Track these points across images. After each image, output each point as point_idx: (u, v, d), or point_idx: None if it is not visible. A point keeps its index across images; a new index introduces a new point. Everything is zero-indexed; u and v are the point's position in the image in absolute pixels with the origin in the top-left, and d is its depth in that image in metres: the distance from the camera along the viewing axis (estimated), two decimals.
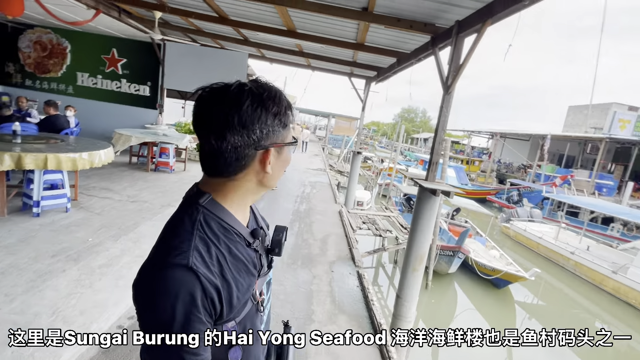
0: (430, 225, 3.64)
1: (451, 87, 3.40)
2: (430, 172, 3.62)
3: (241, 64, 8.29)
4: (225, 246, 0.60)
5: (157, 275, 0.53)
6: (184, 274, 0.53)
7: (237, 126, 0.58)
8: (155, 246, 0.59)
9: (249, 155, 0.61)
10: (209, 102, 0.59)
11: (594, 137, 16.93)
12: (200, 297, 0.53)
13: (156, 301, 0.52)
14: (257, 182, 0.66)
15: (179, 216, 0.61)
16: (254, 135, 0.60)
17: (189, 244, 0.55)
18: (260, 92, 0.61)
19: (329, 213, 6.13)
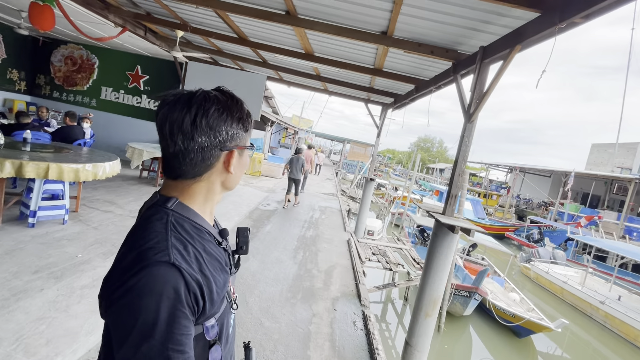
0: (446, 264, 3.28)
1: (473, 116, 3.16)
2: (449, 206, 3.31)
3: (259, 85, 8.37)
4: (199, 244, 0.62)
5: (137, 275, 0.52)
6: (167, 271, 0.52)
7: (205, 128, 0.61)
8: (125, 251, 0.57)
9: (214, 156, 0.65)
10: (177, 106, 0.62)
11: (622, 177, 16.08)
12: (184, 292, 0.53)
13: (139, 302, 0.50)
14: (220, 183, 0.69)
15: (146, 222, 0.60)
16: (220, 136, 0.64)
17: (165, 243, 0.56)
18: (225, 99, 0.65)
19: (337, 241, 5.80)
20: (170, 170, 0.65)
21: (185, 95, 0.63)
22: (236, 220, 5.62)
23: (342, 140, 32.40)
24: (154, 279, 0.52)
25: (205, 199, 0.68)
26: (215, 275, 0.62)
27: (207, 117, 0.61)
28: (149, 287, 0.51)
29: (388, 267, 6.40)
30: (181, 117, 0.61)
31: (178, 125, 0.61)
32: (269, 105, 18.10)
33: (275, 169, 12.43)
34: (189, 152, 0.62)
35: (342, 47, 4.74)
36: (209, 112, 0.62)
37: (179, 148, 0.61)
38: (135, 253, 0.55)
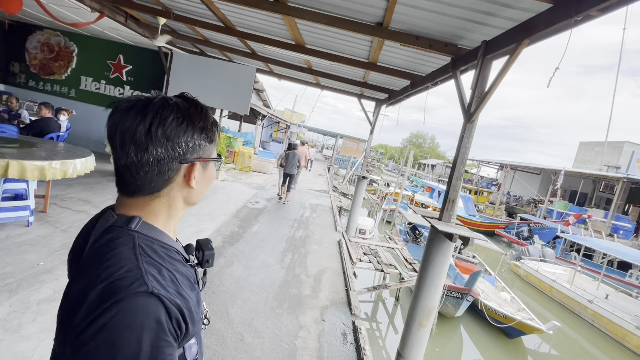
0: (442, 273, 3.09)
1: (474, 115, 2.94)
2: (446, 211, 3.11)
3: (248, 78, 8.04)
4: (171, 265, 0.57)
5: (111, 310, 0.46)
6: (146, 301, 0.48)
7: (162, 138, 0.56)
8: (88, 283, 0.49)
9: (172, 169, 0.59)
10: (130, 113, 0.56)
11: (611, 176, 16.26)
12: (166, 321, 0.49)
13: (118, 339, 0.45)
14: (182, 198, 0.64)
15: (109, 248, 0.53)
16: (179, 148, 0.58)
17: (139, 271, 0.50)
18: (186, 107, 0.60)
19: (327, 242, 5.59)
20: (125, 185, 0.59)
21: (141, 101, 0.57)
22: (222, 220, 5.35)
23: (335, 135, 32.13)
24: (133, 313, 0.47)
25: (168, 216, 0.63)
26: (190, 295, 0.58)
27: (163, 127, 0.56)
28: (128, 322, 0.46)
29: (379, 269, 6.23)
30: (134, 126, 0.55)
31: (130, 135, 0.55)
32: (260, 98, 17.68)
33: (266, 165, 12.13)
34: (143, 165, 0.56)
35: (334, 39, 4.47)
36: (167, 121, 0.56)
37: (131, 160, 0.56)
38: (103, 285, 0.49)
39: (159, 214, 0.61)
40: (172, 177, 0.60)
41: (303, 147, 11.65)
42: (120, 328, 0.46)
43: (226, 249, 4.28)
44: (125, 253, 0.53)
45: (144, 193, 0.59)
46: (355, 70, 5.80)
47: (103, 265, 0.51)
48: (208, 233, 4.65)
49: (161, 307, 0.50)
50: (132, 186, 0.58)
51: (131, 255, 0.53)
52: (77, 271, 0.56)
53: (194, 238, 4.40)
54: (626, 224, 15.80)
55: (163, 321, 0.49)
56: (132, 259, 0.52)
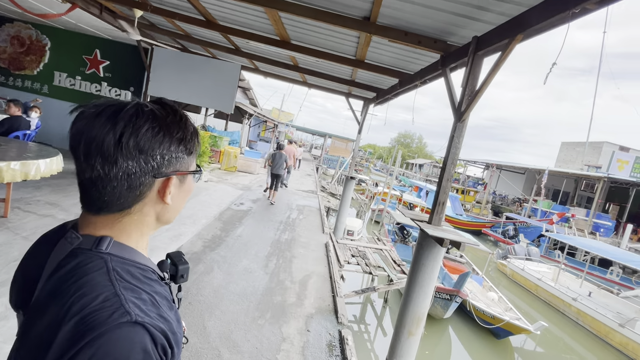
0: (432, 278, 2.96)
1: (465, 114, 2.82)
2: (436, 214, 2.98)
3: (233, 75, 7.78)
4: (150, 287, 0.52)
5: (93, 345, 0.40)
6: (131, 332, 0.43)
7: (133, 150, 0.50)
8: (58, 318, 0.43)
9: (145, 184, 0.53)
10: (98, 121, 0.49)
11: (592, 176, 16.67)
12: (152, 349, 0.45)
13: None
14: (155, 215, 0.57)
15: (78, 275, 0.47)
16: (153, 161, 0.52)
17: (117, 298, 0.45)
18: (164, 115, 0.54)
19: (314, 245, 5.41)
20: (90, 201, 0.53)
21: (111, 107, 0.51)
22: (203, 223, 5.11)
23: (324, 134, 31.98)
24: (117, 346, 0.41)
25: (140, 234, 0.57)
26: (171, 315, 0.52)
27: (136, 137, 0.50)
28: (113, 357, 0.41)
29: (368, 271, 6.10)
30: (102, 135, 0.48)
31: (97, 145, 0.48)
32: (247, 96, 17.36)
33: (252, 164, 11.86)
34: (111, 180, 0.50)
35: (320, 34, 4.30)
36: (140, 130, 0.50)
37: (97, 174, 0.49)
38: (76, 320, 0.42)
39: (130, 233, 0.55)
40: (144, 193, 0.54)
41: (291, 146, 11.57)
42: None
43: (206, 255, 4.05)
44: (99, 279, 0.47)
45: (112, 210, 0.53)
46: (342, 68, 5.64)
47: (73, 296, 0.45)
48: (188, 237, 4.41)
49: (147, 336, 0.45)
50: (98, 203, 0.52)
51: (106, 281, 0.47)
52: (35, 307, 0.48)
53: (172, 243, 4.13)
54: (607, 222, 16.23)
55: (150, 350, 0.45)
56: (108, 286, 0.46)
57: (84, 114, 0.51)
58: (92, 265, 0.48)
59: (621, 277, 12.90)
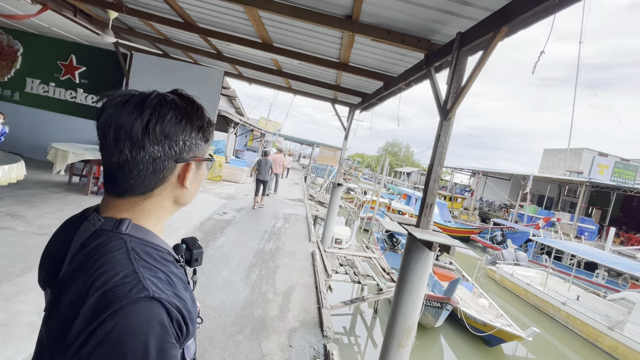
0: (422, 285, 2.79)
1: (451, 112, 2.71)
2: (423, 217, 2.83)
3: (216, 81, 7.61)
4: (166, 268, 0.55)
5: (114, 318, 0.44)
6: (149, 306, 0.46)
7: (160, 136, 0.54)
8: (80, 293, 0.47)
9: (167, 168, 0.57)
10: (126, 109, 0.53)
11: (575, 181, 17.04)
12: (168, 323, 0.48)
13: (124, 346, 0.43)
14: (174, 199, 0.61)
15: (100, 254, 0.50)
16: (176, 146, 0.56)
17: (136, 276, 0.48)
18: (184, 105, 0.57)
19: (300, 255, 5.19)
20: (115, 184, 0.56)
21: (137, 96, 0.55)
22: (182, 234, 4.83)
23: (312, 143, 31.95)
24: (137, 319, 0.44)
25: (158, 217, 0.60)
26: (186, 295, 0.55)
27: (162, 124, 0.53)
28: (132, 329, 0.44)
29: (356, 280, 5.89)
30: (130, 122, 0.52)
31: (126, 131, 0.52)
32: (233, 105, 17.17)
33: (238, 174, 11.59)
34: (138, 164, 0.53)
35: (303, 35, 4.19)
36: (165, 118, 0.54)
37: (125, 158, 0.53)
38: (99, 294, 0.46)
39: (149, 216, 0.59)
40: (166, 177, 0.58)
41: (279, 155, 11.65)
42: (125, 336, 0.44)
43: None
44: (119, 258, 0.50)
45: (136, 193, 0.57)
46: (326, 72, 5.55)
47: (95, 272, 0.48)
48: None
49: (163, 311, 0.48)
50: (124, 185, 0.55)
51: (125, 259, 0.50)
52: (61, 283, 0.51)
53: None
54: (591, 225, 16.54)
55: (166, 324, 0.47)
56: (127, 264, 0.49)
57: (111, 102, 0.54)
58: (112, 245, 0.51)
59: (607, 280, 13.06)
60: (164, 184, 0.58)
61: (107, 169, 0.55)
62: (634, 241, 17.04)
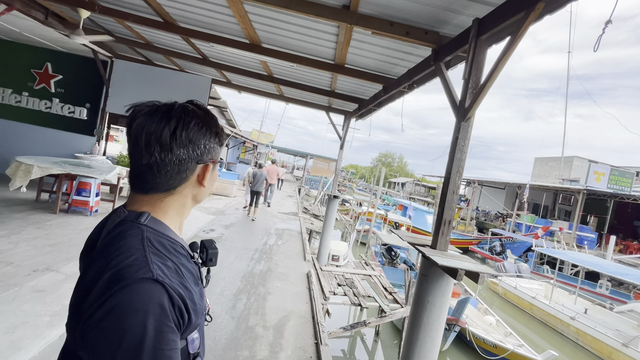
0: (441, 319, 2.31)
1: (470, 111, 2.29)
2: (441, 237, 2.37)
3: (203, 89, 7.17)
4: (177, 259, 0.60)
5: (118, 294, 0.49)
6: (151, 287, 0.50)
7: (185, 140, 0.61)
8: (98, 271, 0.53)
9: (190, 169, 0.64)
10: (155, 117, 0.60)
11: (572, 188, 16.87)
12: (169, 307, 0.51)
13: (124, 321, 0.48)
14: (192, 196, 0.68)
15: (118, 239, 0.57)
16: (198, 150, 0.64)
17: (145, 259, 0.53)
18: (203, 114, 0.65)
19: (294, 277, 4.65)
20: (142, 183, 0.63)
21: (163, 106, 0.63)
22: None
23: (305, 155, 31.55)
24: (138, 297, 0.49)
25: (177, 213, 0.67)
26: (195, 288, 0.60)
27: (187, 130, 0.61)
28: (133, 306, 0.48)
29: (356, 302, 5.36)
30: (160, 129, 0.59)
31: (156, 136, 0.59)
32: (224, 116, 16.76)
33: (228, 187, 11.05)
34: (165, 165, 0.61)
35: (294, 34, 3.79)
36: (189, 125, 0.62)
37: (154, 160, 0.60)
38: (112, 272, 0.52)
39: (168, 211, 0.65)
40: (188, 176, 0.65)
41: (274, 166, 11.77)
42: (127, 312, 0.48)
43: None
44: (134, 243, 0.55)
45: (161, 190, 0.63)
46: (321, 76, 5.15)
47: (113, 254, 0.54)
48: None
49: (164, 294, 0.51)
50: (150, 184, 0.62)
51: (139, 245, 0.55)
52: (89, 261, 0.58)
53: None
54: (590, 234, 16.28)
55: (166, 307, 0.50)
56: (140, 249, 0.55)
57: (141, 112, 0.61)
58: (130, 233, 0.57)
59: (611, 291, 12.69)
60: (186, 182, 0.65)
61: (136, 169, 0.62)
62: (632, 249, 16.81)
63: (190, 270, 0.62)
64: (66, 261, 3.35)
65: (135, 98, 3.15)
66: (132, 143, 0.61)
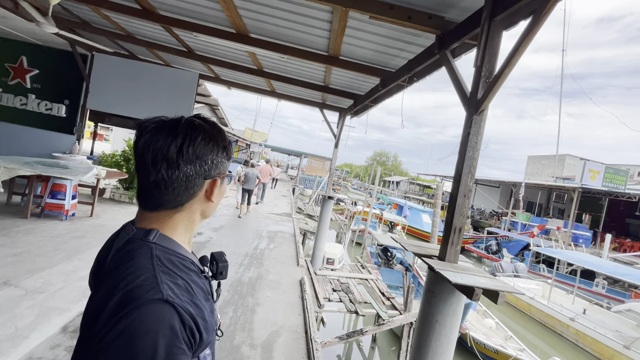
0: (451, 341, 2.02)
1: (483, 103, 2.00)
2: (450, 247, 2.07)
3: (190, 85, 6.81)
4: (187, 275, 0.59)
5: (129, 316, 0.49)
6: (161, 308, 0.50)
7: (192, 156, 0.60)
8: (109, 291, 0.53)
9: (197, 185, 0.63)
10: (161, 133, 0.60)
11: (568, 187, 16.82)
12: (179, 328, 0.51)
13: (135, 344, 0.47)
14: (201, 212, 0.67)
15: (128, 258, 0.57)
16: (205, 165, 0.63)
17: (154, 279, 0.53)
18: (210, 128, 0.64)
19: (286, 285, 4.34)
20: (150, 200, 0.62)
21: (169, 122, 0.61)
22: None
23: (299, 154, 31.19)
24: (148, 319, 0.49)
25: (185, 229, 0.66)
26: (205, 305, 0.59)
27: (194, 146, 0.60)
28: (144, 328, 0.48)
29: (353, 310, 5.07)
30: (166, 145, 0.59)
31: (163, 153, 0.59)
32: (216, 115, 16.34)
33: None
34: (173, 182, 0.60)
35: (284, 21, 3.47)
36: (196, 140, 0.61)
37: (161, 177, 0.59)
38: (122, 292, 0.51)
39: (177, 227, 0.64)
40: (196, 192, 0.64)
41: (267, 165, 11.83)
42: (138, 334, 0.47)
43: None
44: (143, 263, 0.55)
45: (168, 207, 0.62)
46: (313, 69, 4.83)
47: (122, 274, 0.53)
48: None
49: (175, 315, 0.50)
50: (158, 201, 0.61)
51: (148, 264, 0.55)
52: (99, 281, 0.58)
53: (79, 303, 2.90)
54: (585, 232, 16.24)
55: (177, 328, 0.50)
56: (150, 268, 0.54)
57: (147, 128, 0.60)
58: (140, 252, 0.57)
59: (607, 289, 12.63)
60: (194, 198, 0.64)
61: (143, 187, 0.62)
62: (626, 246, 16.84)
63: (201, 286, 0.62)
64: (29, 274, 2.99)
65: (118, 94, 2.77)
66: (139, 160, 0.61)
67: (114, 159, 6.89)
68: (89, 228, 4.68)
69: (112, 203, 6.57)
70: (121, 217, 5.58)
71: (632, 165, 26.80)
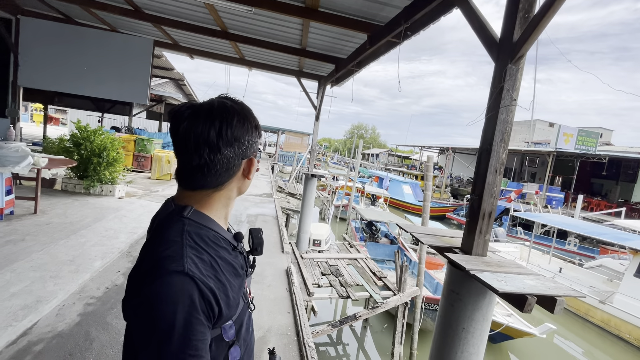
0: (479, 352, 1.65)
1: (522, 49, 1.50)
2: (478, 237, 1.64)
3: (144, 54, 5.86)
4: (214, 251, 0.62)
5: (154, 284, 0.53)
6: (182, 280, 0.53)
7: (231, 139, 0.63)
8: (144, 257, 0.59)
9: (237, 165, 0.66)
10: (199, 119, 0.61)
11: (543, 151, 17.19)
12: (198, 300, 0.54)
13: (157, 310, 0.52)
14: (238, 189, 0.70)
15: (162, 231, 0.61)
16: (242, 146, 0.65)
17: (181, 252, 0.56)
18: (241, 109, 0.66)
19: (271, 276, 3.89)
20: (191, 182, 0.65)
21: (204, 107, 0.63)
22: (96, 268, 3.29)
23: (277, 130, 30.11)
24: (169, 288, 0.52)
25: (223, 206, 0.69)
26: (231, 281, 0.62)
27: (231, 129, 0.62)
28: (165, 296, 0.52)
29: (344, 294, 4.75)
30: (206, 131, 0.61)
31: (204, 138, 0.61)
32: (183, 91, 15.06)
33: None
34: (215, 164, 0.62)
35: None
36: (232, 123, 0.63)
37: (204, 161, 0.62)
38: (152, 261, 0.56)
39: (214, 205, 0.67)
40: (235, 172, 0.67)
41: None
42: (160, 300, 0.51)
43: (89, 326, 2.34)
44: (174, 236, 0.58)
45: (209, 187, 0.65)
46: (288, 27, 4.11)
47: (153, 246, 0.59)
48: (55, 302, 2.62)
49: (194, 287, 0.53)
50: (200, 182, 0.64)
51: (178, 238, 0.58)
52: (143, 249, 0.63)
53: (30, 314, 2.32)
54: (558, 194, 16.87)
55: (196, 300, 0.53)
56: (178, 242, 0.57)
57: (183, 116, 0.61)
58: (173, 226, 0.60)
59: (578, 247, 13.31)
60: (232, 178, 0.67)
61: (185, 170, 0.64)
62: (593, 205, 17.74)
63: (230, 262, 0.64)
64: None
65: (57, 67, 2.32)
66: (181, 146, 0.62)
67: (62, 145, 5.94)
68: (30, 228, 3.93)
69: (65, 195, 5.72)
70: (75, 212, 4.82)
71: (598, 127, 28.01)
